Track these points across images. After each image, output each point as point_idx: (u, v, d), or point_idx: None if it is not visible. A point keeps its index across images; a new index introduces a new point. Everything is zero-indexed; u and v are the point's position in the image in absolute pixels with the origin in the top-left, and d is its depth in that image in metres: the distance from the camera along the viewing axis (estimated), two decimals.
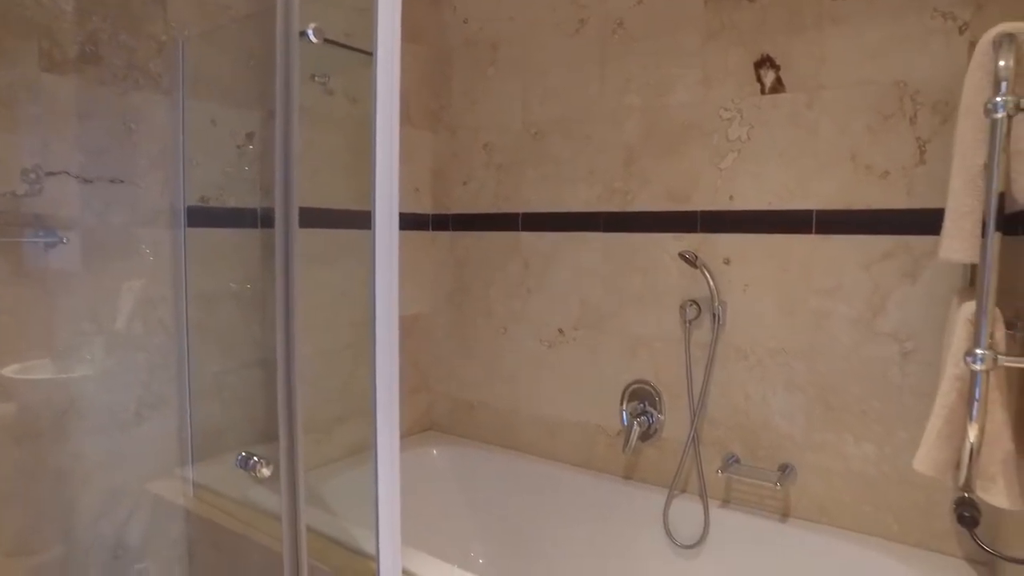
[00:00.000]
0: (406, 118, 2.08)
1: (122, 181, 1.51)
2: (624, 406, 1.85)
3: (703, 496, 1.68)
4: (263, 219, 1.81)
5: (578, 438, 1.94)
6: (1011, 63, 0.95)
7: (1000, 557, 1.00)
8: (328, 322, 1.86)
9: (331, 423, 1.88)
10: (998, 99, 0.95)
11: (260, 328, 1.85)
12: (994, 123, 0.96)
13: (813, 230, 1.56)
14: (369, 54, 1.11)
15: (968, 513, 1.08)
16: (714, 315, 1.68)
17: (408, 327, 2.11)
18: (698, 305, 1.72)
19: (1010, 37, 0.97)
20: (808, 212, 1.57)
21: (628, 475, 1.85)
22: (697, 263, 1.65)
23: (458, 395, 2.19)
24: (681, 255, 1.67)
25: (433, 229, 2.17)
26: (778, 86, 1.57)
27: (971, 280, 1.38)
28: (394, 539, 1.22)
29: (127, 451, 1.54)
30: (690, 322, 1.73)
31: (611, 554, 1.78)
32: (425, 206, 2.15)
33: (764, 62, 1.59)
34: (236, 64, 1.71)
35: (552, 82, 1.92)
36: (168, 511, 1.64)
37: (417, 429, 2.21)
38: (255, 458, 1.03)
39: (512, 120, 2.00)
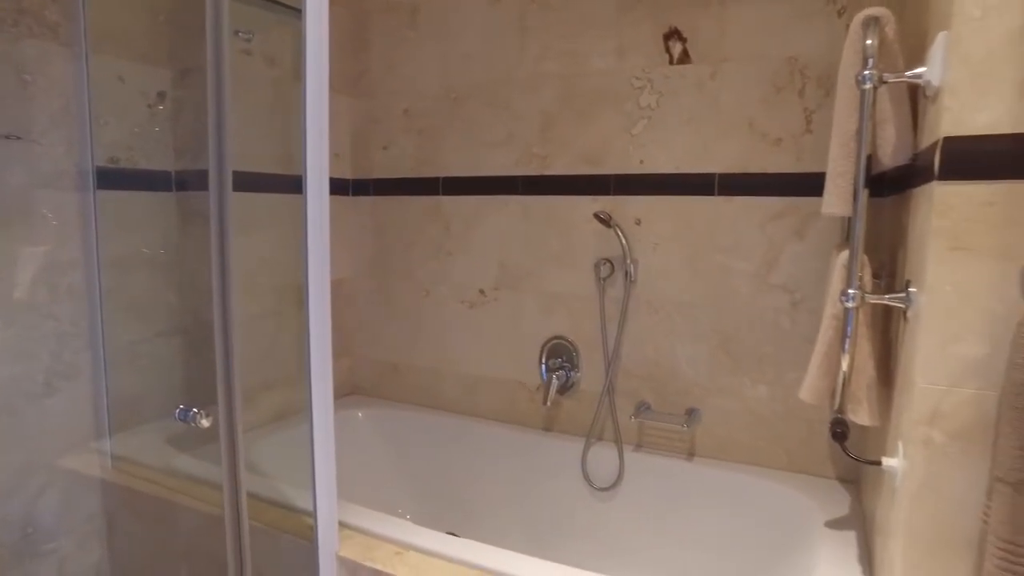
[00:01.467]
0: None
1: (19, 138, 1.43)
2: (543, 362, 1.94)
3: (618, 442, 1.81)
4: (178, 182, 1.76)
5: (500, 394, 2.02)
6: (876, 42, 1.08)
7: (863, 462, 1.18)
8: (248, 288, 1.83)
9: (256, 390, 1.87)
10: (866, 72, 1.08)
11: (177, 294, 1.80)
12: (863, 94, 1.09)
13: (715, 192, 1.70)
14: (297, 10, 1.11)
15: (840, 430, 1.24)
16: (626, 273, 1.79)
17: (331, 292, 2.11)
18: (611, 263, 1.82)
19: (875, 19, 1.10)
20: (711, 176, 1.69)
21: (547, 427, 1.96)
22: (611, 223, 1.76)
23: (381, 358, 2.22)
24: (596, 216, 1.76)
25: (353, 194, 2.16)
26: (685, 57, 1.68)
27: (847, 235, 1.55)
28: (330, 492, 1.26)
29: (36, 424, 1.48)
30: (604, 280, 1.84)
31: (534, 502, 1.89)
32: (345, 171, 2.14)
33: (672, 34, 1.69)
34: (145, 19, 1.63)
35: (471, 48, 1.95)
36: (84, 485, 1.59)
37: (340, 393, 2.23)
38: (195, 409, 1.03)
39: (432, 85, 2.01)
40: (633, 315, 1.82)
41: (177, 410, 1.05)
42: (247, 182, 1.77)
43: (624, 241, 1.77)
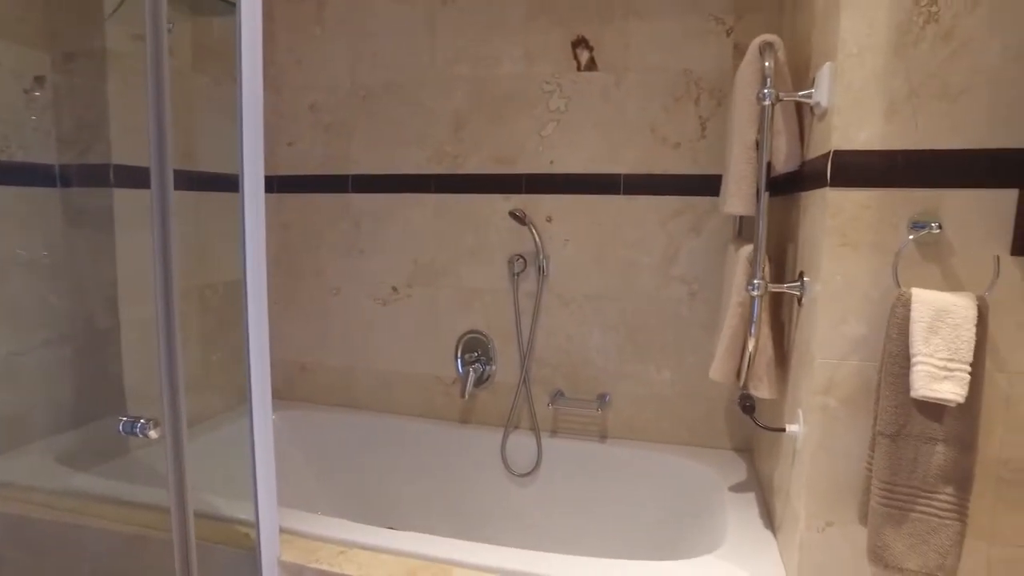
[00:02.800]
0: (228, 71, 1.95)
1: None
2: (459, 356, 1.99)
3: (535, 430, 1.90)
4: (63, 177, 1.62)
5: (416, 390, 2.05)
6: (772, 64, 1.24)
7: (770, 429, 1.34)
8: (148, 290, 1.72)
9: (158, 396, 1.76)
10: (765, 91, 1.23)
11: (64, 300, 1.66)
12: (763, 109, 1.24)
13: (621, 191, 1.82)
14: (226, 2, 1.08)
15: (749, 404, 1.40)
16: (539, 267, 1.88)
17: (233, 292, 2.02)
18: (524, 259, 1.91)
19: (770, 45, 1.26)
20: (617, 176, 1.82)
21: (465, 419, 2.01)
22: (526, 221, 1.84)
23: (289, 359, 2.16)
24: (512, 213, 1.83)
25: None
26: (592, 65, 1.79)
27: (739, 231, 1.74)
28: (271, 499, 1.24)
29: None
30: (518, 275, 1.91)
31: (457, 493, 1.94)
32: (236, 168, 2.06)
33: (580, 43, 1.79)
34: None
35: (382, 46, 1.94)
36: None
37: (245, 398, 2.14)
38: (143, 420, 0.97)
39: (340, 81, 1.99)
40: (546, 308, 1.91)
41: (121, 423, 0.99)
42: (131, 177, 1.66)
43: (537, 238, 1.85)
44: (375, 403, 2.09)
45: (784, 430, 1.24)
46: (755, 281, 1.27)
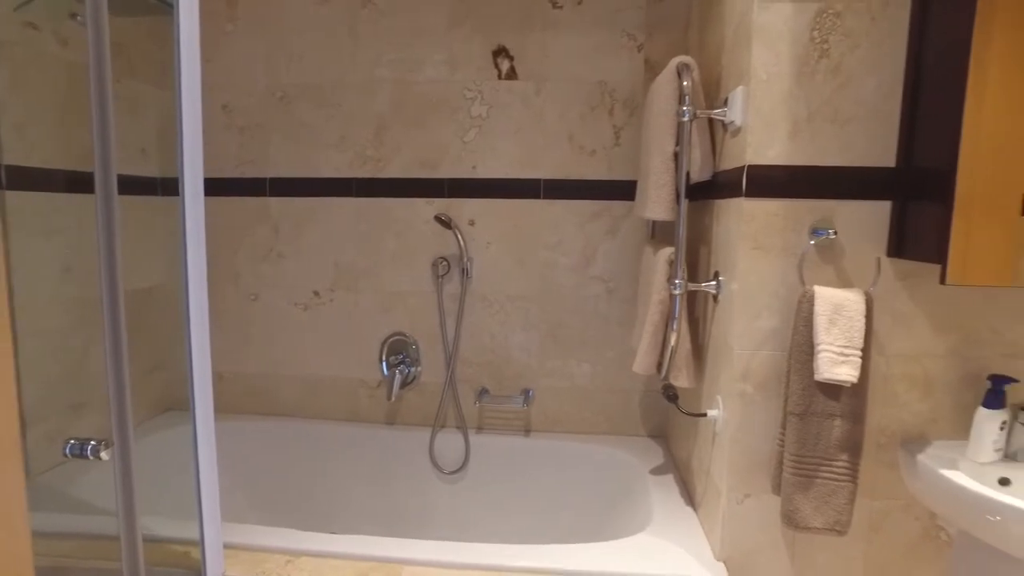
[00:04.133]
0: (127, 69, 1.85)
1: None
2: (384, 358, 2.00)
3: (462, 428, 1.95)
4: None
5: (341, 394, 2.03)
6: (690, 83, 1.36)
7: (693, 415, 1.48)
8: (50, 299, 1.61)
9: (64, 413, 1.65)
10: (685, 108, 1.35)
11: None
12: (682, 125, 1.37)
13: (541, 196, 1.91)
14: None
15: (672, 393, 1.53)
16: (463, 270, 1.93)
17: (141, 301, 1.92)
18: (448, 262, 1.95)
19: (687, 66, 1.38)
20: (537, 181, 1.90)
21: (392, 421, 2.03)
22: (452, 225, 1.88)
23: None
24: (437, 218, 1.87)
25: (164, 194, 1.98)
26: (512, 74, 1.86)
27: (652, 233, 1.88)
28: (215, 516, 1.21)
29: None
30: (441, 277, 1.95)
31: (388, 494, 1.95)
32: (152, 170, 1.95)
33: (501, 52, 1.86)
34: None
35: (300, 47, 1.91)
36: None
37: (157, 411, 2.03)
38: (93, 442, 0.91)
39: (255, 82, 1.93)
40: (470, 309, 1.96)
41: (68, 445, 0.93)
42: (25, 179, 1.55)
43: (461, 241, 1.90)
44: (299, 410, 2.05)
45: (705, 415, 1.38)
46: (676, 281, 1.40)
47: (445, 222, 1.87)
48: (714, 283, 1.38)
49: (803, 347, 1.15)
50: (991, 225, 1.05)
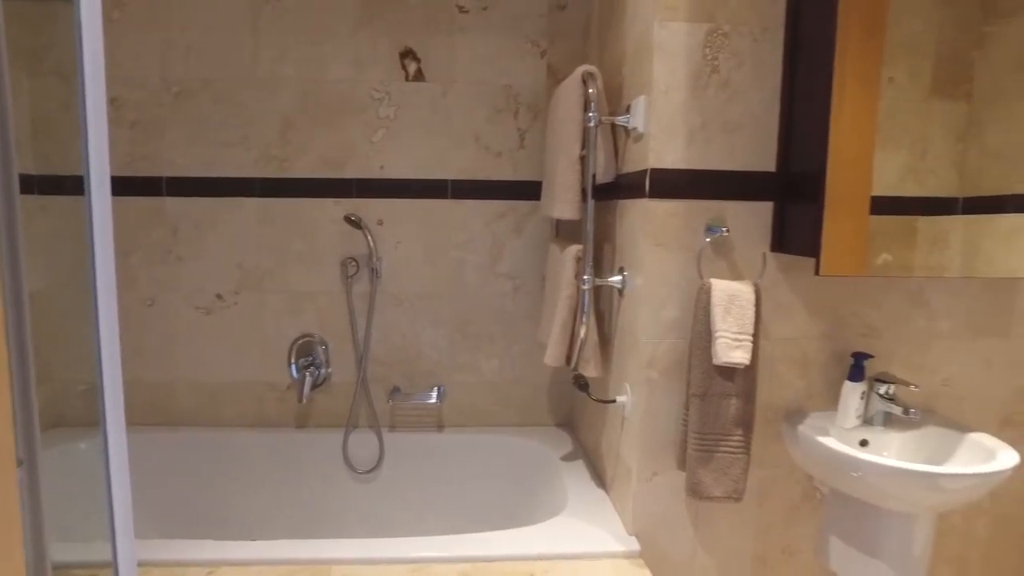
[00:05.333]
0: None
1: None
2: (293, 361, 1.97)
3: (375, 427, 1.96)
4: None
5: (247, 399, 1.97)
6: (595, 91, 1.46)
7: (603, 402, 1.58)
8: None
9: None
10: (590, 114, 1.44)
11: None
12: (588, 130, 1.46)
13: (449, 195, 1.95)
14: None
15: (582, 382, 1.62)
16: (372, 269, 1.93)
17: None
18: (357, 261, 1.95)
19: (592, 74, 1.48)
20: (445, 181, 1.94)
21: (302, 424, 2.00)
22: (362, 225, 1.88)
23: (93, 380, 1.93)
24: (347, 218, 1.86)
25: (41, 193, 1.83)
26: (419, 76, 1.89)
27: (557, 232, 1.97)
28: (129, 534, 1.16)
29: None
30: (351, 277, 1.95)
31: (301, 498, 1.92)
32: (28, 166, 1.80)
33: (408, 54, 1.88)
34: None
35: (197, 40, 1.83)
36: None
37: (43, 427, 1.87)
38: None
39: (148, 75, 1.83)
40: (380, 308, 1.97)
41: None
42: None
43: (371, 241, 1.90)
44: (200, 418, 1.97)
45: (614, 401, 1.48)
46: (585, 277, 1.49)
47: (355, 222, 1.87)
48: (619, 278, 1.48)
49: (702, 335, 1.27)
50: (850, 223, 1.22)
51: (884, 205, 1.24)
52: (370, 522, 1.93)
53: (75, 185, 1.86)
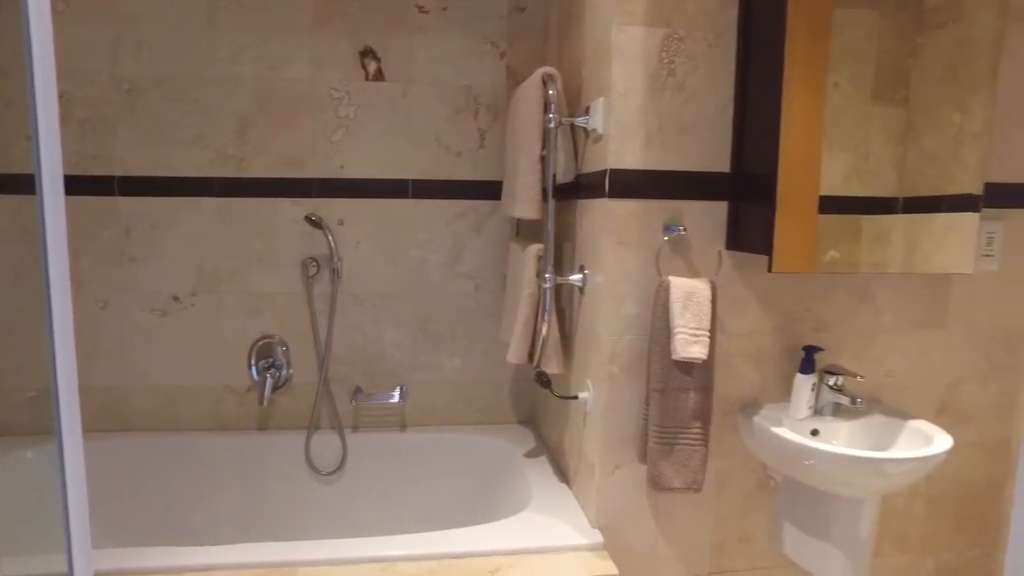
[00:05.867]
0: None
1: None
2: (253, 363, 1.94)
3: (338, 428, 1.95)
4: None
5: (206, 403, 1.94)
6: (555, 92, 1.48)
7: (566, 398, 1.61)
8: None
9: None
10: (551, 115, 1.47)
11: None
12: (549, 131, 1.48)
13: (410, 195, 1.95)
14: None
15: (544, 379, 1.64)
16: (333, 269, 1.92)
17: None
18: (317, 262, 1.93)
19: (552, 76, 1.50)
20: (406, 181, 1.94)
21: (263, 426, 1.97)
22: (323, 225, 1.87)
23: (40, 386, 1.87)
24: (307, 218, 1.85)
25: None
26: (379, 75, 1.88)
27: (517, 231, 1.99)
28: (86, 545, 1.13)
29: None
30: (312, 277, 1.93)
31: (264, 501, 1.89)
32: None
33: (367, 53, 1.87)
34: None
35: (149, 35, 1.79)
36: None
37: None
38: None
39: (96, 70, 1.78)
40: (341, 308, 1.96)
41: None
42: None
43: (332, 241, 1.89)
44: (157, 423, 1.92)
45: (576, 397, 1.51)
46: (547, 275, 1.52)
47: (315, 222, 1.86)
48: (580, 276, 1.51)
49: (662, 331, 1.31)
50: (801, 222, 1.27)
51: (831, 204, 1.30)
52: (335, 523, 1.92)
53: (18, 184, 1.80)
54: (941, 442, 1.25)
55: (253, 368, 1.94)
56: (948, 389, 1.56)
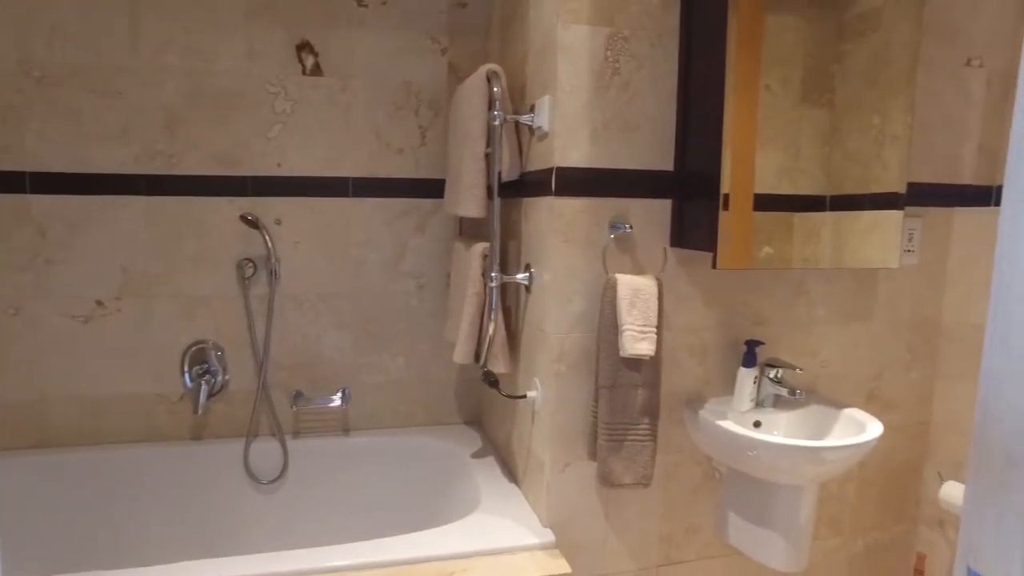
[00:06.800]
0: None
1: None
2: (186, 369, 1.85)
3: (278, 434, 1.88)
4: None
5: (134, 413, 1.83)
6: (499, 90, 1.47)
7: (514, 398, 1.60)
8: None
9: None
10: (496, 113, 1.46)
11: None
12: (493, 128, 1.47)
13: (350, 194, 1.90)
14: None
15: (491, 379, 1.63)
16: (271, 270, 1.85)
17: None
18: (254, 263, 1.86)
19: (496, 73, 1.49)
20: (345, 179, 1.89)
21: (198, 435, 1.88)
22: (259, 225, 1.79)
23: None
24: (243, 217, 1.78)
25: None
26: (317, 70, 1.83)
27: (460, 230, 1.97)
28: None
29: None
30: (248, 279, 1.86)
31: (200, 515, 1.80)
32: None
33: (304, 47, 1.81)
34: None
35: (63, 20, 1.67)
36: None
37: None
38: None
39: (1, 56, 1.65)
40: (280, 311, 1.89)
41: None
42: None
43: (269, 241, 1.82)
44: (79, 437, 1.80)
45: (525, 396, 1.50)
46: (493, 274, 1.51)
47: (252, 221, 1.79)
48: (526, 275, 1.51)
49: (609, 328, 1.32)
50: (741, 220, 1.31)
51: (765, 202, 1.34)
52: (278, 534, 1.85)
53: None
54: (873, 429, 1.31)
55: (186, 375, 1.85)
56: (875, 377, 1.64)
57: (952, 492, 1.58)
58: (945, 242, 1.67)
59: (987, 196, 1.64)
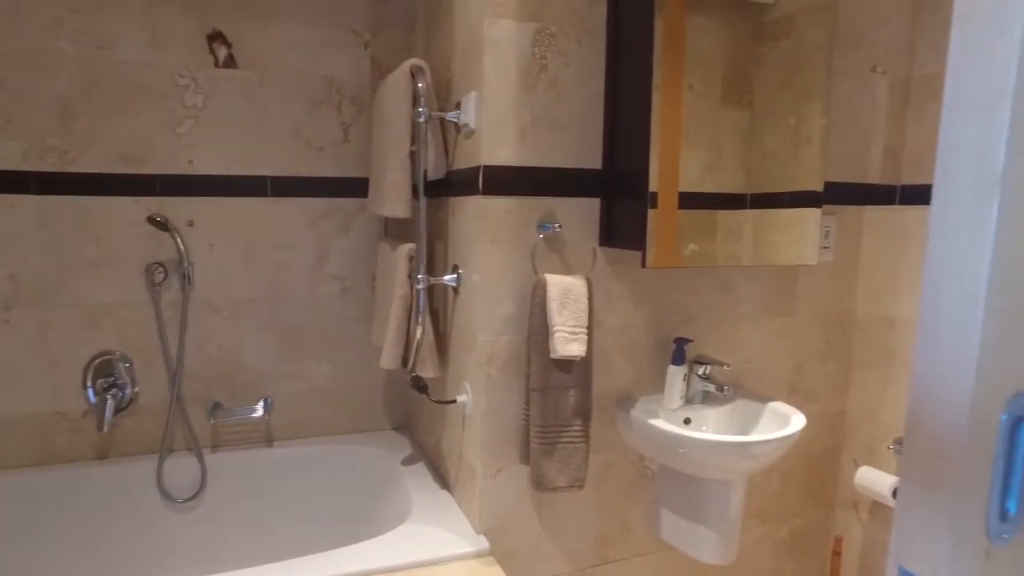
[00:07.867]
0: None
1: None
2: (90, 384, 1.71)
3: (195, 448, 1.77)
4: None
5: (29, 434, 1.68)
6: (424, 85, 1.43)
7: (443, 403, 1.56)
8: None
9: None
10: (421, 109, 1.41)
11: None
12: (417, 125, 1.43)
13: (269, 193, 1.81)
14: None
15: (421, 384, 1.58)
16: (184, 275, 1.74)
17: None
18: (165, 267, 1.74)
19: (421, 68, 1.44)
20: (264, 178, 1.80)
21: (104, 455, 1.74)
22: (169, 227, 1.68)
23: None
24: (151, 220, 1.66)
25: None
26: (231, 62, 1.72)
27: (385, 231, 1.91)
28: None
29: None
30: (158, 285, 1.74)
31: (108, 541, 1.66)
32: None
33: (216, 37, 1.70)
34: None
35: None
36: None
37: None
38: None
39: None
40: (194, 318, 1.78)
41: None
42: None
43: (180, 244, 1.71)
44: None
45: (455, 401, 1.47)
46: (419, 276, 1.46)
47: (161, 223, 1.67)
48: (453, 276, 1.47)
49: (539, 329, 1.30)
50: (667, 218, 1.31)
51: (688, 200, 1.35)
52: (199, 556, 1.74)
53: None
54: (796, 422, 1.35)
55: (90, 389, 1.71)
56: (796, 370, 1.70)
57: (867, 476, 1.65)
58: (857, 238, 1.74)
59: (892, 195, 1.72)
